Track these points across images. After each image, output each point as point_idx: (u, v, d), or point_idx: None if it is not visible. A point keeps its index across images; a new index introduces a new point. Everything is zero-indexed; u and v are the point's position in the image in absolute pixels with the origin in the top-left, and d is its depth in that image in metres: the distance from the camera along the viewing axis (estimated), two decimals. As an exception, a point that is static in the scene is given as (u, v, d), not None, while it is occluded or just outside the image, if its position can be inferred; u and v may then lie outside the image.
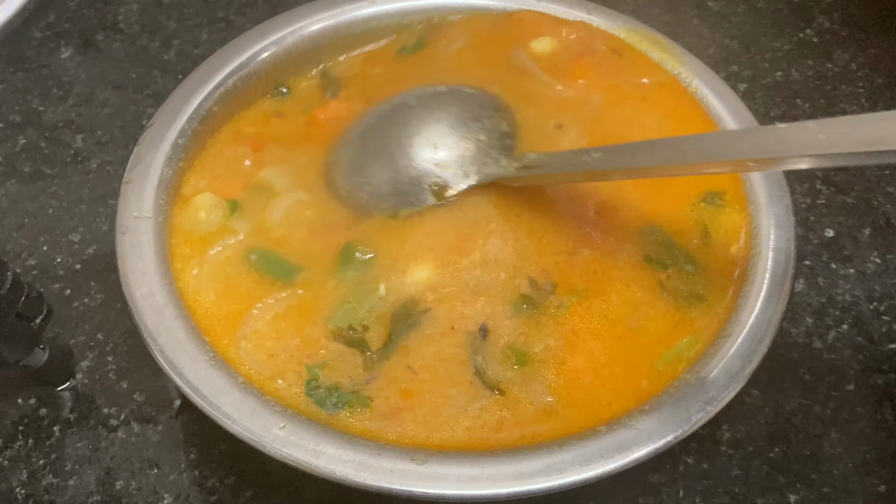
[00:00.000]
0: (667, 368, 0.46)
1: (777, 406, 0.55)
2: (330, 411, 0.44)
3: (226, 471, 0.52)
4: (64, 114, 0.69)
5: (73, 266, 0.60)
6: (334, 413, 0.44)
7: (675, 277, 0.49)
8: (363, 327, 0.47)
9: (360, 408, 0.44)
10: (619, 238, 0.50)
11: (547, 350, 0.46)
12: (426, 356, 0.46)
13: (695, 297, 0.48)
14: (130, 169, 0.52)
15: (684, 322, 0.48)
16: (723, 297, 0.49)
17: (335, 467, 0.42)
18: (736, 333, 0.47)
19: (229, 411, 0.44)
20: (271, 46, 0.59)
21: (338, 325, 0.47)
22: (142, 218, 0.50)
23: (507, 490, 0.42)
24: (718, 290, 0.49)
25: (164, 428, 0.54)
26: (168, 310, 0.47)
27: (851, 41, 0.75)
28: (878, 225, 0.63)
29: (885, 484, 0.52)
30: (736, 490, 0.52)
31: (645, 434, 0.43)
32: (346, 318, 0.47)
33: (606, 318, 0.47)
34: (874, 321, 0.59)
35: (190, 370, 0.45)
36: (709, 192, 0.53)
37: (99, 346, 0.57)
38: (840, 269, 0.61)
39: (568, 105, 0.55)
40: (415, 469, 0.42)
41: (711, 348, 0.47)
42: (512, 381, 0.45)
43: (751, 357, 0.46)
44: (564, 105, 0.55)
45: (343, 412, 0.44)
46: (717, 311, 0.48)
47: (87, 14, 0.76)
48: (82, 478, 0.52)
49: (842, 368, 0.57)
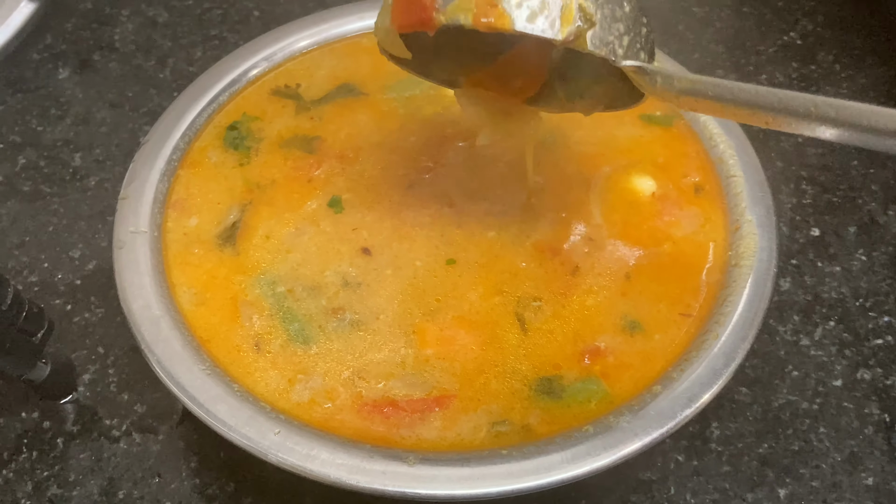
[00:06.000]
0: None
1: (765, 403, 0.56)
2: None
3: (226, 478, 0.53)
4: (62, 133, 0.71)
5: (74, 282, 0.62)
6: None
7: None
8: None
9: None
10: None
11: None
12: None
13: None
14: (126, 185, 0.54)
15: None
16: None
17: (329, 471, 0.43)
18: (720, 332, 0.48)
19: (225, 418, 0.45)
20: (262, 63, 0.61)
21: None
22: (138, 233, 0.52)
23: (497, 489, 0.43)
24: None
25: (164, 438, 0.55)
26: (164, 321, 0.48)
27: (835, 43, 0.76)
28: (864, 223, 0.64)
29: (872, 477, 0.53)
30: (726, 486, 0.53)
31: (631, 432, 0.44)
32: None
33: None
34: (860, 317, 0.60)
35: (186, 380, 0.46)
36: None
37: (100, 360, 0.58)
38: (826, 267, 0.62)
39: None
40: (406, 471, 0.43)
41: (695, 347, 0.47)
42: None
43: (734, 355, 0.47)
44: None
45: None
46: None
47: (83, 35, 0.78)
48: (86, 488, 0.53)
49: (829, 365, 0.58)
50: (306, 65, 0.61)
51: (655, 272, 0.51)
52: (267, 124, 0.58)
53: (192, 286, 0.50)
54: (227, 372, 0.47)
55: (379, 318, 0.49)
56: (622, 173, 0.55)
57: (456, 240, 0.52)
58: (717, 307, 0.49)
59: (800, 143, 0.69)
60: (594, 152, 0.57)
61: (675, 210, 0.54)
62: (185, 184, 0.55)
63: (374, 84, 0.60)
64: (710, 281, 0.51)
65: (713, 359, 0.47)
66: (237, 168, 0.56)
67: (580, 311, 0.50)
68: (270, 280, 0.51)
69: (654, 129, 0.58)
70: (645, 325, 0.49)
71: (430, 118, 0.58)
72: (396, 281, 0.50)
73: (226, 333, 0.49)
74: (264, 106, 0.59)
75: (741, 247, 0.51)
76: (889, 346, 0.58)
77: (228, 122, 0.58)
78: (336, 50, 0.62)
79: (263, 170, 0.55)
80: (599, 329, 0.49)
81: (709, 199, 0.54)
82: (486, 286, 0.50)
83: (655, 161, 0.56)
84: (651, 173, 0.55)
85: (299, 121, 0.58)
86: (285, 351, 0.48)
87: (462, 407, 0.46)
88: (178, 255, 0.52)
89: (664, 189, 0.55)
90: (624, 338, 0.49)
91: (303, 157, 0.56)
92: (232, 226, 0.53)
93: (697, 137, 0.57)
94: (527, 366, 0.48)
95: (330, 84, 0.60)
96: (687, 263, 0.52)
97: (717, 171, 0.55)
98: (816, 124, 0.38)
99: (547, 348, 0.48)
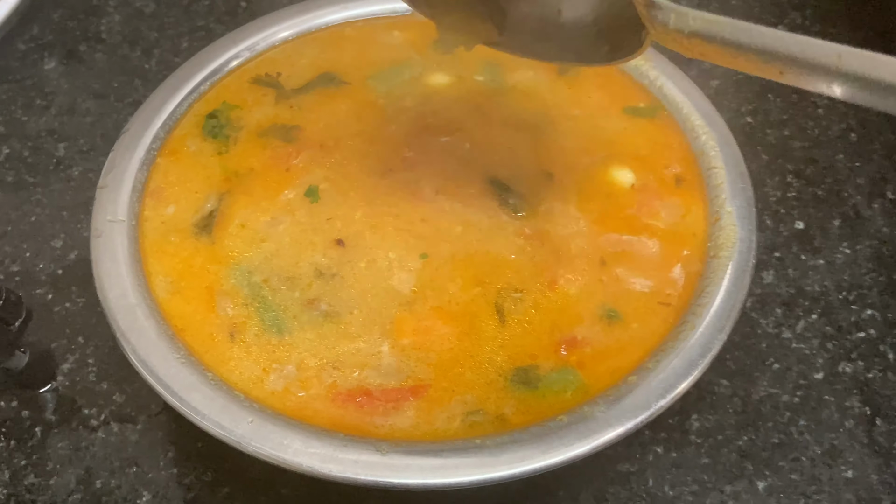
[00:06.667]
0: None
1: (746, 395, 0.56)
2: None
3: (203, 468, 0.53)
4: (47, 123, 0.70)
5: (56, 271, 0.61)
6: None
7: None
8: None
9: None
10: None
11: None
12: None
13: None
14: (105, 174, 0.54)
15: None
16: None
17: (302, 459, 0.43)
18: (697, 323, 0.48)
19: (199, 407, 0.45)
20: (244, 52, 0.60)
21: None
22: (116, 221, 0.51)
23: (468, 478, 0.43)
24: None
25: (142, 427, 0.55)
26: (140, 310, 0.48)
27: (823, 36, 0.74)
28: (848, 216, 0.64)
29: (852, 470, 0.53)
30: (704, 478, 0.53)
31: (605, 422, 0.44)
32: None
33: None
34: (843, 310, 0.59)
35: (161, 369, 0.46)
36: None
37: (80, 349, 0.58)
38: (810, 260, 0.62)
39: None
40: (379, 460, 0.43)
41: (671, 337, 0.47)
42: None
43: (710, 346, 0.47)
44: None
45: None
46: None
47: (70, 26, 0.78)
48: (63, 477, 0.53)
49: (810, 357, 0.57)
50: (288, 54, 0.61)
51: (635, 262, 0.51)
52: (246, 113, 0.58)
53: (169, 275, 0.50)
54: (202, 361, 0.47)
55: (354, 309, 0.49)
56: (604, 164, 0.55)
57: (429, 232, 0.51)
58: (695, 298, 0.49)
59: (786, 136, 0.69)
60: (578, 144, 0.56)
61: (656, 201, 0.54)
62: (163, 172, 0.55)
63: (356, 74, 0.60)
64: (689, 271, 0.51)
65: (689, 349, 0.47)
66: (216, 157, 0.55)
67: (559, 302, 0.50)
68: (246, 269, 0.50)
69: (637, 120, 0.58)
70: (623, 314, 0.49)
71: (411, 108, 0.58)
72: (371, 273, 0.50)
73: (201, 322, 0.49)
74: (244, 94, 0.59)
75: (720, 238, 0.51)
76: (871, 339, 0.58)
77: (208, 111, 0.58)
78: (318, 39, 0.62)
79: (242, 159, 0.55)
80: (577, 319, 0.49)
81: (690, 190, 0.54)
82: (465, 278, 0.50)
83: (638, 152, 0.56)
84: (633, 165, 0.55)
85: (279, 110, 0.58)
86: (260, 340, 0.48)
87: (436, 397, 0.46)
88: (155, 244, 0.52)
89: (645, 180, 0.55)
90: (602, 327, 0.49)
91: (281, 146, 0.56)
92: (209, 215, 0.53)
93: (680, 129, 0.57)
94: (503, 356, 0.48)
95: (311, 73, 0.60)
96: (666, 253, 0.52)
97: (698, 162, 0.55)
98: (836, 78, 0.36)
99: (524, 339, 0.48)
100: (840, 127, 0.69)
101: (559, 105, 0.58)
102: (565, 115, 0.57)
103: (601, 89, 0.59)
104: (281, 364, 0.47)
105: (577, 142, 0.56)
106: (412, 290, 0.49)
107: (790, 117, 0.70)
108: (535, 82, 0.59)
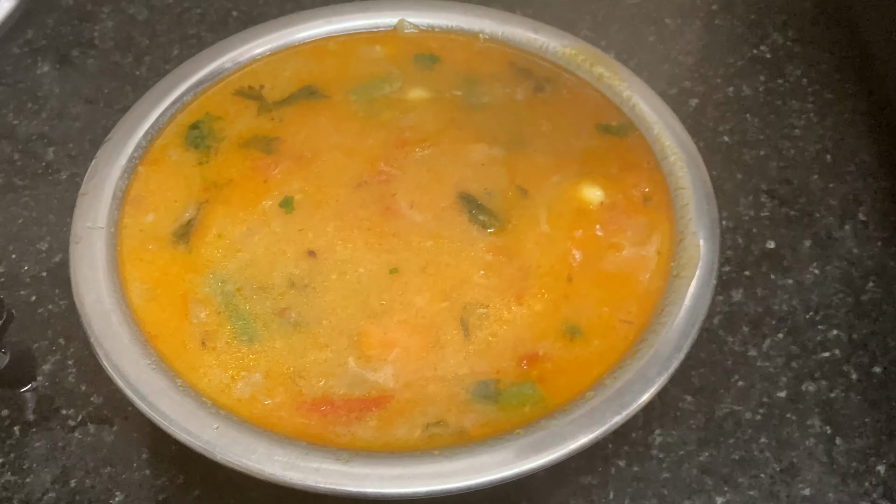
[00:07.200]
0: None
1: (709, 411, 0.57)
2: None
3: (176, 470, 0.54)
4: (37, 127, 0.72)
5: (40, 274, 0.63)
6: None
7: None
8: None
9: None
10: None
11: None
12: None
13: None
14: (87, 181, 0.55)
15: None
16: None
17: (264, 466, 0.44)
18: (655, 342, 0.49)
19: (167, 412, 0.46)
20: (228, 63, 0.62)
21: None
22: (95, 228, 0.53)
23: (425, 489, 0.44)
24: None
25: (118, 429, 0.56)
26: (115, 315, 0.49)
27: (803, 57, 0.77)
28: (819, 237, 0.65)
29: (810, 488, 0.54)
30: (664, 492, 0.54)
31: (560, 436, 0.45)
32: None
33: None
34: (809, 330, 0.61)
35: (132, 373, 0.47)
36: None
37: (61, 350, 0.59)
38: (779, 280, 0.63)
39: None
40: (340, 469, 0.44)
41: (630, 355, 0.48)
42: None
43: (668, 365, 0.48)
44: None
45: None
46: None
47: (64, 31, 0.79)
48: (39, 476, 0.54)
49: (775, 376, 0.59)
50: (271, 66, 0.63)
51: (599, 279, 0.52)
52: (228, 124, 0.59)
53: (145, 282, 0.52)
54: (173, 367, 0.48)
55: (323, 320, 0.50)
56: (574, 182, 0.56)
57: (400, 246, 0.53)
58: (655, 316, 0.50)
59: (762, 155, 0.70)
60: (549, 161, 0.58)
61: (623, 219, 0.55)
62: (144, 181, 0.56)
63: (337, 87, 0.61)
64: (652, 290, 0.52)
65: (646, 367, 0.48)
66: (196, 167, 0.57)
67: (523, 318, 0.51)
68: (220, 278, 0.52)
69: (609, 139, 0.59)
70: (585, 331, 0.50)
71: (389, 122, 0.59)
72: (341, 285, 0.51)
73: (174, 329, 0.50)
74: (227, 106, 0.60)
75: (684, 258, 0.52)
76: (835, 359, 0.59)
77: (191, 121, 0.59)
78: (301, 53, 0.63)
79: (222, 169, 0.57)
80: (541, 335, 0.50)
81: (657, 209, 0.55)
82: (433, 292, 0.51)
83: (608, 171, 0.57)
84: (602, 183, 0.56)
85: (260, 121, 0.59)
86: (230, 348, 0.49)
87: (399, 408, 0.47)
88: (133, 252, 0.53)
89: (614, 198, 0.56)
90: (563, 343, 0.50)
91: (261, 157, 0.57)
92: (187, 223, 0.54)
93: (650, 149, 0.58)
94: (466, 370, 0.49)
95: (293, 86, 0.61)
96: (631, 272, 0.53)
97: (667, 182, 0.56)
98: None
99: (487, 353, 0.49)
100: (816, 148, 0.71)
101: (533, 121, 0.59)
102: (538, 132, 0.59)
103: (575, 107, 0.60)
104: (249, 372, 0.48)
105: (549, 159, 0.57)
106: (380, 304, 0.51)
107: (766, 137, 0.71)
108: (511, 98, 0.61)
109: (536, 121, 0.59)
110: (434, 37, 0.65)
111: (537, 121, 0.59)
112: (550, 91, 0.61)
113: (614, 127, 0.59)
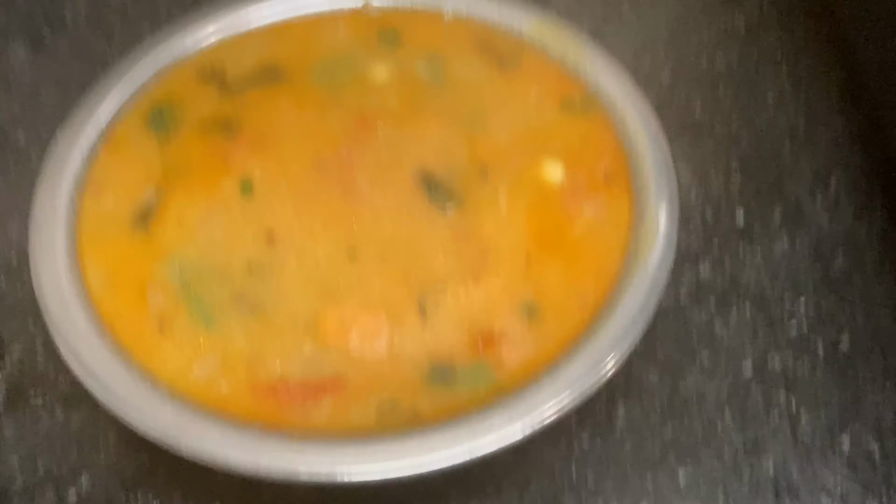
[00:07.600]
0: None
1: (674, 386, 0.57)
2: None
3: (142, 453, 0.55)
4: (8, 111, 0.72)
5: (9, 257, 0.63)
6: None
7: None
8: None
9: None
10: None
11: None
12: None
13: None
14: (45, 165, 0.55)
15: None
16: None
17: (217, 451, 0.45)
18: (612, 319, 0.49)
19: (123, 397, 0.46)
20: (190, 45, 0.62)
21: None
22: (54, 213, 0.53)
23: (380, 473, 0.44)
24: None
25: (86, 413, 0.56)
26: (73, 301, 0.50)
27: (779, 27, 0.76)
28: (789, 209, 0.65)
29: (773, 462, 0.54)
30: (627, 467, 0.54)
31: (509, 417, 0.46)
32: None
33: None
34: (776, 304, 0.60)
35: (88, 359, 0.48)
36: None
37: (29, 336, 0.59)
38: (747, 254, 0.63)
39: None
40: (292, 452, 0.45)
41: (586, 333, 0.49)
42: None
43: (625, 343, 0.48)
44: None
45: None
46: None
47: (34, 12, 0.79)
48: (7, 463, 0.55)
49: (740, 350, 0.59)
50: (233, 48, 0.62)
51: (558, 257, 0.52)
52: (190, 107, 0.59)
53: (103, 267, 0.52)
54: (130, 352, 0.49)
55: (280, 304, 0.50)
56: (535, 160, 0.56)
57: (358, 228, 0.53)
58: (612, 295, 0.50)
59: (733, 129, 0.70)
60: (511, 139, 0.57)
61: (584, 197, 0.55)
62: (104, 165, 0.56)
63: (299, 68, 0.61)
64: (611, 267, 0.52)
65: (601, 347, 0.48)
66: (157, 150, 0.57)
67: (480, 299, 0.51)
68: (179, 263, 0.52)
69: (572, 116, 0.59)
70: (542, 311, 0.50)
71: (351, 102, 0.59)
72: (299, 268, 0.51)
73: (131, 314, 0.50)
74: (189, 89, 0.60)
75: (642, 235, 0.52)
76: (802, 333, 0.59)
77: (152, 105, 0.59)
78: (264, 33, 0.63)
79: (182, 153, 0.56)
80: (498, 315, 0.50)
81: (618, 187, 0.55)
82: (391, 274, 0.51)
83: (570, 148, 0.57)
84: (564, 160, 0.56)
85: (222, 104, 0.59)
86: (186, 333, 0.49)
87: (354, 392, 0.48)
88: (92, 236, 0.53)
89: (575, 176, 0.56)
90: (520, 322, 0.50)
91: (221, 140, 0.57)
92: (147, 208, 0.54)
93: (613, 125, 0.58)
94: (422, 353, 0.49)
95: (255, 67, 0.61)
96: (590, 249, 0.53)
97: (628, 160, 0.56)
98: None
99: (444, 335, 0.50)
100: (787, 120, 0.70)
101: (496, 98, 0.59)
102: (501, 109, 0.58)
103: (539, 84, 0.60)
104: (205, 356, 0.49)
105: (510, 136, 0.57)
106: (338, 287, 0.51)
107: (739, 110, 0.71)
108: (474, 76, 0.60)
109: (500, 99, 0.59)
110: (399, 14, 0.64)
111: (501, 99, 0.59)
112: (515, 68, 0.61)
113: (577, 104, 0.59)
